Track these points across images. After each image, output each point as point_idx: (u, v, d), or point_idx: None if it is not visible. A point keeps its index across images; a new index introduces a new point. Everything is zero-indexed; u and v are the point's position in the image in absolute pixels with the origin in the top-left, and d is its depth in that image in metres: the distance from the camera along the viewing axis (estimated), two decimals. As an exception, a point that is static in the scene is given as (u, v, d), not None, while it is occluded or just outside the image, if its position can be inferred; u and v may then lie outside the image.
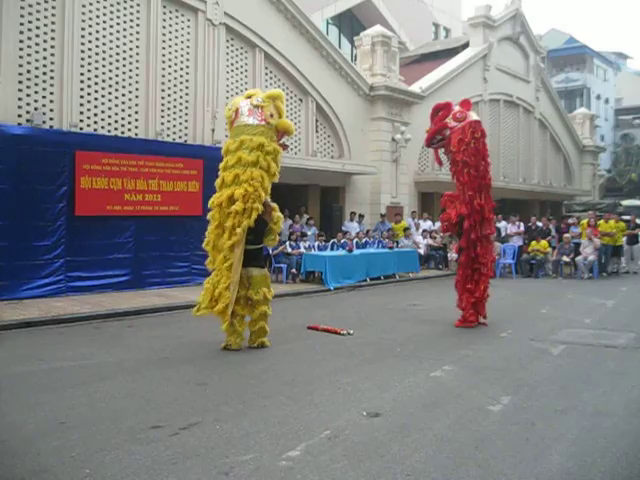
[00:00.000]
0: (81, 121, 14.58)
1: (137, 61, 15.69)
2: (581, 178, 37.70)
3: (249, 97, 8.90)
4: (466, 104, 10.92)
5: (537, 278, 19.63)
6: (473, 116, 10.80)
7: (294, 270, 16.66)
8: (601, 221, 20.86)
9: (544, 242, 20.36)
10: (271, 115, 8.74)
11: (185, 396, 6.26)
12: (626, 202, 35.24)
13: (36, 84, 13.89)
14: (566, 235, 20.70)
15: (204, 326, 10.56)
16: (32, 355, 8.19)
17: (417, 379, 6.97)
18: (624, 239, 20.86)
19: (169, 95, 16.43)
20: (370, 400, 6.10)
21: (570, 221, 22.72)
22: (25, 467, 4.45)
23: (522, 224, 21.88)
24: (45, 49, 14.00)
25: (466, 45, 29.29)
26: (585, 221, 20.72)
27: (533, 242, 20.49)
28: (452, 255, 20.94)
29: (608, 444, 5.01)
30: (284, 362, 7.77)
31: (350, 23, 33.52)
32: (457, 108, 10.79)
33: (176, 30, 16.58)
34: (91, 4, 14.75)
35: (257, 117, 8.68)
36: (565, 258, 20.04)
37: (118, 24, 15.29)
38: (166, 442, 4.92)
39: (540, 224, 22.25)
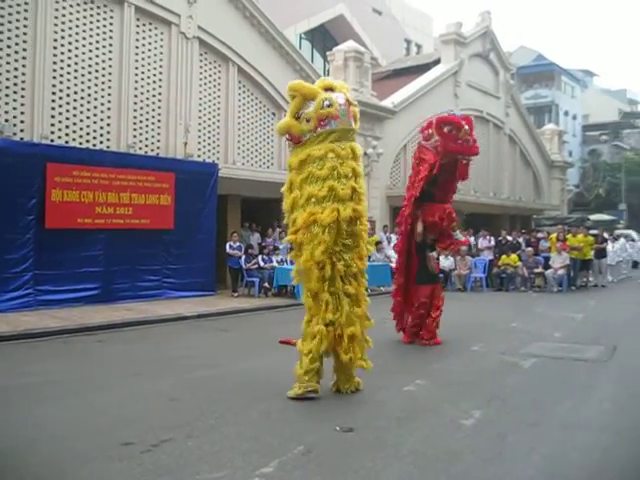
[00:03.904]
0: (52, 133, 14.49)
1: (110, 73, 15.64)
2: (550, 193, 38.18)
3: (331, 88, 7.13)
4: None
5: (507, 292, 19.78)
6: None
7: (266, 284, 16.64)
8: (569, 235, 21.10)
9: (514, 256, 20.54)
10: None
11: (157, 412, 6.20)
12: (594, 216, 35.69)
13: (7, 95, 13.79)
14: (529, 249, 20.93)
15: (175, 341, 10.53)
16: (1, 370, 8.07)
17: (390, 393, 6.98)
18: (592, 253, 21.11)
19: (141, 108, 16.38)
20: (343, 415, 6.09)
21: (540, 235, 22.96)
22: (-7, 485, 4.38)
23: (492, 238, 22.07)
24: (17, 60, 13.92)
25: (437, 61, 29.67)
26: (554, 235, 20.94)
27: (503, 256, 20.67)
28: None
29: (580, 457, 5.06)
30: (256, 377, 7.72)
31: (323, 38, 33.70)
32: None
33: (149, 43, 16.57)
34: (64, 15, 14.70)
35: (352, 120, 7.11)
36: (536, 270, 20.26)
37: (91, 36, 15.25)
38: (137, 459, 4.86)
39: (510, 238, 22.46)
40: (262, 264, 16.81)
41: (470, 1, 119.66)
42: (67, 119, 14.86)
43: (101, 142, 15.47)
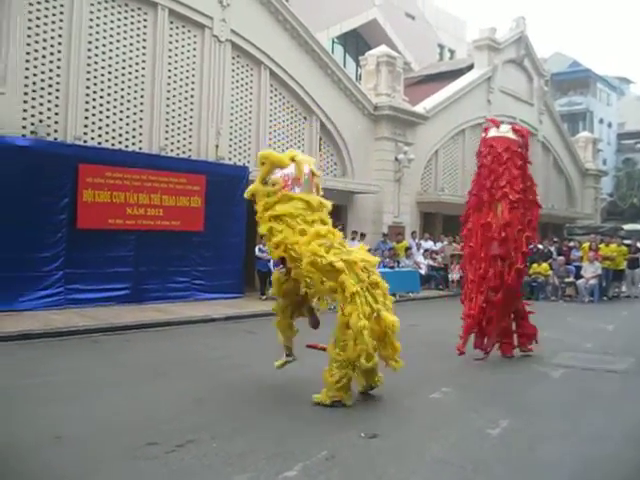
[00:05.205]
0: (85, 134, 14.63)
1: (143, 75, 15.77)
2: (583, 201, 37.72)
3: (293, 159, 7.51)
4: (493, 123, 10.62)
5: (537, 301, 19.51)
6: (489, 134, 10.38)
7: (295, 288, 16.60)
8: (602, 245, 20.82)
9: (545, 265, 20.31)
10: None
11: (182, 412, 6.21)
12: (628, 226, 35.23)
13: (41, 96, 13.97)
14: (560, 258, 20.67)
15: (202, 342, 10.57)
16: (30, 367, 8.16)
17: (416, 401, 6.93)
18: (625, 263, 20.81)
19: (174, 110, 16.48)
20: (368, 421, 6.05)
21: (571, 244, 22.69)
22: (19, 481, 4.41)
23: (523, 246, 21.80)
24: (51, 61, 14.09)
25: (471, 67, 29.43)
26: (586, 244, 20.69)
27: (534, 264, 20.43)
28: (453, 276, 20.98)
29: (608, 470, 4.97)
30: (281, 380, 7.70)
31: (355, 42, 33.68)
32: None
33: (182, 46, 16.67)
34: (98, 18, 14.86)
35: (314, 189, 7.71)
36: (567, 279, 20.01)
37: (125, 38, 15.39)
38: (162, 459, 4.87)
39: (541, 246, 22.21)
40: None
41: (504, 6, 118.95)
42: (100, 120, 15.01)
43: (133, 144, 15.59)
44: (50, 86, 14.10)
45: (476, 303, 9.71)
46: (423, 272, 20.74)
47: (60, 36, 14.22)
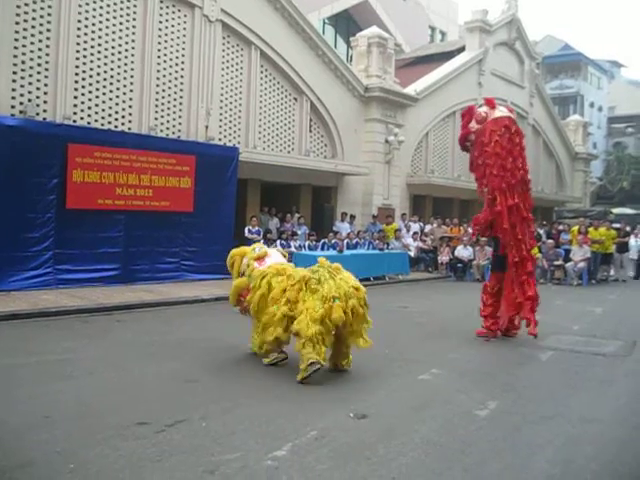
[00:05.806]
0: (75, 114, 14.53)
1: (132, 55, 15.65)
2: (573, 185, 37.83)
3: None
4: (490, 103, 10.33)
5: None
6: (495, 114, 10.10)
7: (284, 269, 16.60)
8: (591, 228, 20.91)
9: (534, 248, 20.34)
10: None
11: (172, 393, 6.23)
12: (617, 210, 35.38)
13: (30, 75, 13.85)
14: (549, 241, 20.72)
15: (192, 323, 10.57)
16: (18, 348, 8.14)
17: (405, 381, 6.97)
18: (614, 247, 20.91)
19: (163, 90, 16.38)
20: (357, 401, 6.08)
21: (560, 227, 22.76)
22: (9, 461, 4.41)
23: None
24: (40, 40, 13.95)
25: (462, 49, 29.37)
26: (575, 228, 20.76)
27: (523, 247, 20.43)
28: (442, 258, 21.04)
29: (594, 451, 5.02)
30: (272, 361, 7.73)
31: (346, 24, 33.53)
32: (481, 109, 10.20)
33: (172, 25, 16.54)
34: (88, -4, 14.71)
35: None
36: (556, 262, 20.08)
37: (114, 17, 15.25)
38: (152, 439, 4.89)
39: (531, 229, 22.22)
40: (280, 249, 16.81)
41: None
42: (89, 100, 14.90)
43: (123, 124, 15.50)
44: (39, 65, 13.96)
45: (530, 284, 9.85)
46: (412, 254, 20.78)
47: (49, 15, 14.06)
